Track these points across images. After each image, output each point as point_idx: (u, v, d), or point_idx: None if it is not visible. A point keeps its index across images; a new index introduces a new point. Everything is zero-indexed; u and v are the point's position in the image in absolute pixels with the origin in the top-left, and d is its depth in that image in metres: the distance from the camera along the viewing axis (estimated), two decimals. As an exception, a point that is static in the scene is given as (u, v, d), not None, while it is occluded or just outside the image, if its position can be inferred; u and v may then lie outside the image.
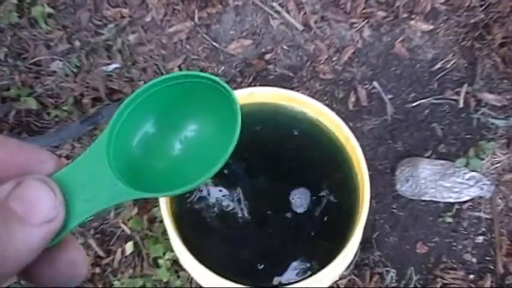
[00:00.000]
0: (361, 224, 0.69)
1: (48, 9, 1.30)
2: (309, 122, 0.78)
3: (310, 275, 0.66)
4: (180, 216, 0.73)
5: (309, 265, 0.69)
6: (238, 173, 0.77)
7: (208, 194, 0.76)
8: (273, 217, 0.75)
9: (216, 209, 0.75)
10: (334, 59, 1.27)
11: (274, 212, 0.76)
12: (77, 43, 1.30)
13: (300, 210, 0.75)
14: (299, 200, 0.76)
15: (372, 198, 0.72)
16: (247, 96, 0.78)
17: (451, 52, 1.27)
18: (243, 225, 0.75)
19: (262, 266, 0.74)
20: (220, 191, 0.77)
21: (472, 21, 1.28)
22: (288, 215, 0.75)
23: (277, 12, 1.30)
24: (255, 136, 0.79)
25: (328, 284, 0.77)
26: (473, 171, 1.13)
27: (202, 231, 0.75)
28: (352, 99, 1.23)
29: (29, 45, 1.30)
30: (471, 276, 1.10)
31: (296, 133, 0.80)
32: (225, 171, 0.77)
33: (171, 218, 0.70)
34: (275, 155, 0.80)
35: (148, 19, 1.31)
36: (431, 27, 1.28)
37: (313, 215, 0.75)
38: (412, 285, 1.08)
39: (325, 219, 0.76)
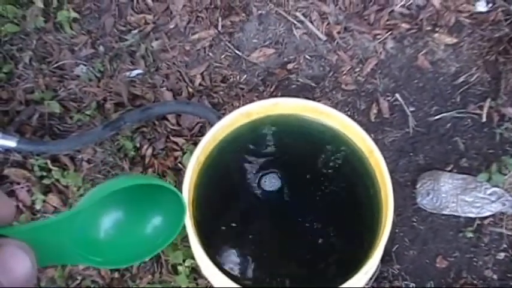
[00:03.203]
0: (384, 239, 0.68)
1: (74, 14, 1.32)
2: (333, 133, 0.78)
3: (332, 288, 0.66)
4: (202, 223, 0.73)
5: (330, 279, 0.69)
6: (262, 182, 0.77)
7: (231, 202, 0.77)
8: (295, 228, 0.75)
9: (239, 217, 0.75)
10: (356, 70, 1.26)
11: (296, 222, 0.76)
12: (101, 48, 1.31)
13: (322, 222, 0.75)
14: (321, 212, 0.76)
15: (393, 211, 0.71)
16: (272, 106, 0.78)
17: (475, 66, 1.26)
18: (264, 234, 0.75)
19: (283, 277, 0.74)
20: (243, 199, 0.77)
21: (497, 35, 1.27)
22: (311, 226, 0.75)
23: (301, 22, 1.30)
24: (278, 146, 0.79)
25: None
26: (495, 186, 1.12)
27: (224, 238, 0.75)
28: (374, 110, 1.22)
29: (54, 49, 1.32)
30: (491, 293, 1.09)
31: (319, 145, 0.80)
32: (249, 181, 0.77)
33: (193, 226, 0.70)
34: (297, 166, 0.80)
35: (172, 26, 1.32)
36: (455, 40, 1.27)
37: (335, 228, 0.75)
38: (431, 300, 1.07)
39: (347, 232, 0.76)
